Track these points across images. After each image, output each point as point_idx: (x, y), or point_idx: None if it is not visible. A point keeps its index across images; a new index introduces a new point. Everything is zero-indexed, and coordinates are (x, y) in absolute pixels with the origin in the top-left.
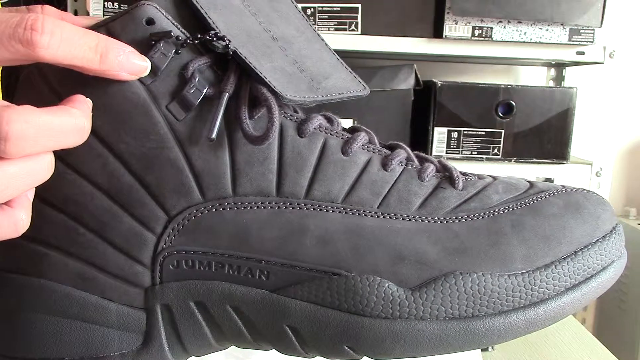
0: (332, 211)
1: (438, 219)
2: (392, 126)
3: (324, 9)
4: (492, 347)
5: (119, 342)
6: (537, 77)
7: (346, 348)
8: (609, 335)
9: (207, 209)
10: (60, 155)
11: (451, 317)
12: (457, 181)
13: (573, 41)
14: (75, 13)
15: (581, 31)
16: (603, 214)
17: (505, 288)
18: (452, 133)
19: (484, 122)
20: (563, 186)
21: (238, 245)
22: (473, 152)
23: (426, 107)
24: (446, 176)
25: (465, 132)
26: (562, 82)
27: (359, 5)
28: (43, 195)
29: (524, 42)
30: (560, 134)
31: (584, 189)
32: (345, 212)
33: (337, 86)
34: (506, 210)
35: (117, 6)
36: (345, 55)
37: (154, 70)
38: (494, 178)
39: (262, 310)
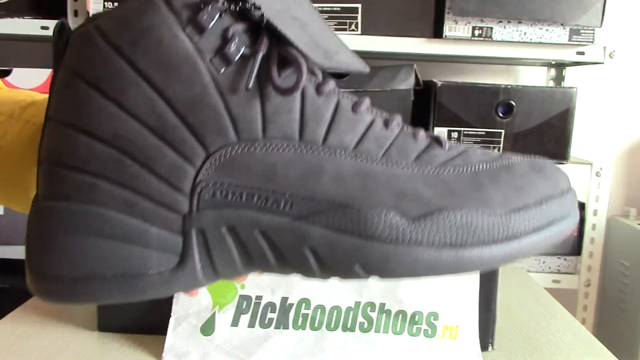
0: (344, 157)
1: (430, 170)
2: None
3: (324, 9)
4: (492, 347)
5: (157, 262)
6: (537, 77)
7: (357, 268)
8: (609, 335)
9: (240, 148)
10: (114, 97)
11: (443, 244)
12: (444, 143)
13: (573, 41)
14: (75, 13)
15: (581, 31)
16: (561, 177)
17: (487, 224)
18: (452, 133)
19: (484, 122)
20: (526, 155)
21: (266, 180)
22: None
23: (426, 107)
24: (435, 139)
25: (465, 132)
26: (562, 82)
27: (359, 5)
28: (94, 132)
29: (524, 42)
30: (560, 134)
31: (545, 159)
32: (355, 159)
33: (345, 61)
34: (484, 168)
35: None
36: None
37: (202, 29)
38: (472, 146)
39: (286, 235)
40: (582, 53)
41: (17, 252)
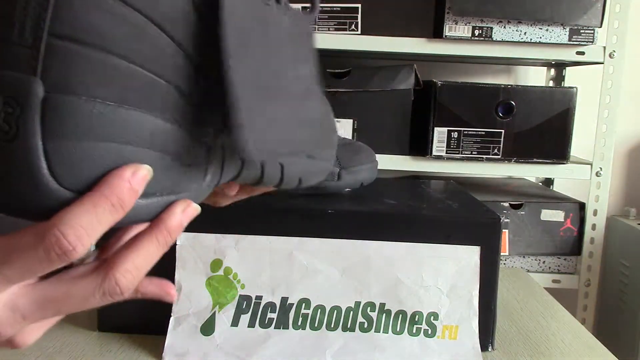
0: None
1: None
2: (392, 126)
3: (324, 9)
4: (492, 347)
5: (197, 177)
6: (537, 77)
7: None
8: (609, 335)
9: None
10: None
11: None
12: None
13: (573, 41)
14: None
15: (581, 31)
16: None
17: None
18: (452, 133)
19: (484, 122)
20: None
21: None
22: (473, 152)
23: (426, 107)
24: None
25: (465, 132)
26: (562, 82)
27: (359, 5)
28: (183, 45)
29: (524, 42)
30: (561, 134)
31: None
32: None
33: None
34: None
35: None
36: (345, 55)
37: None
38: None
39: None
40: (582, 53)
41: None
